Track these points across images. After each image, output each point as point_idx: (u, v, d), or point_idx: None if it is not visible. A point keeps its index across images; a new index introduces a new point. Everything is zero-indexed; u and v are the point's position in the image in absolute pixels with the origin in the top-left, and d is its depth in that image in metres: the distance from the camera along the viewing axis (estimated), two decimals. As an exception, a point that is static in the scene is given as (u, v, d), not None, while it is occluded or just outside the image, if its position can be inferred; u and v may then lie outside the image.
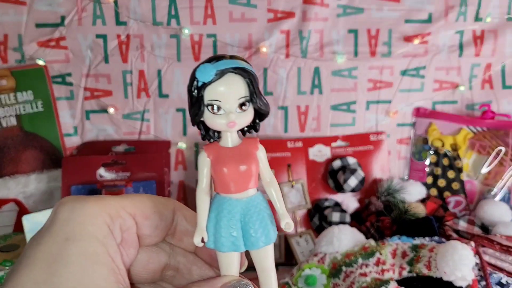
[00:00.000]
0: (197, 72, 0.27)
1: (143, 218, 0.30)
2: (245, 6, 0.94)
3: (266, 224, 0.29)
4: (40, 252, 0.25)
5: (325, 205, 0.94)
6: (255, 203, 0.29)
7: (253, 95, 0.28)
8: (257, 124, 0.30)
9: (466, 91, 1.00)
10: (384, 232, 0.85)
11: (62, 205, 0.27)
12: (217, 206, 0.29)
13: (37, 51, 0.93)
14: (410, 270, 0.68)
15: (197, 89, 0.28)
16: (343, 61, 0.97)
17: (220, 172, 0.29)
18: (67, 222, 0.26)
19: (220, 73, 0.27)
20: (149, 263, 0.31)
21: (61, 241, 0.26)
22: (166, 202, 0.31)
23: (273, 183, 0.30)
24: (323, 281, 0.70)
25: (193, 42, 0.95)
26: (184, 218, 0.31)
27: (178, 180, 0.97)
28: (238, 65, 0.28)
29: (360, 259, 0.70)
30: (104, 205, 0.28)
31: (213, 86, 0.28)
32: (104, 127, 0.97)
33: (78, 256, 0.25)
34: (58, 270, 0.25)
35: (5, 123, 0.93)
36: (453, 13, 0.97)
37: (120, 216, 0.28)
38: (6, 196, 0.92)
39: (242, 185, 0.29)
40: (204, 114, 0.28)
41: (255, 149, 0.29)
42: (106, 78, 0.95)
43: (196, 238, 0.29)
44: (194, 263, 0.32)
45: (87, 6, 0.92)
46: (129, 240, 0.29)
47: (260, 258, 0.30)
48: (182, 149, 0.98)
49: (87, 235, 0.26)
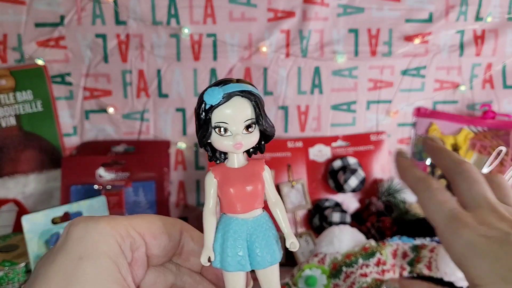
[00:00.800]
0: (205, 95, 0.28)
1: (152, 238, 0.30)
2: (245, 6, 0.94)
3: (271, 244, 0.30)
4: (53, 271, 0.26)
5: (325, 205, 0.93)
6: (261, 223, 0.30)
7: (259, 118, 0.29)
8: (263, 145, 0.31)
9: (466, 91, 1.00)
10: (384, 232, 0.85)
11: (75, 225, 0.28)
12: (223, 226, 0.29)
13: (36, 50, 0.92)
14: (411, 270, 0.68)
15: (204, 111, 0.29)
16: (344, 61, 0.97)
17: (226, 193, 0.29)
18: (81, 241, 0.27)
19: (228, 96, 0.28)
20: (156, 283, 0.32)
21: (75, 259, 0.26)
22: (174, 223, 0.32)
23: (278, 203, 0.31)
24: (324, 281, 0.70)
25: (193, 42, 0.94)
26: (191, 239, 0.32)
27: (178, 180, 0.97)
28: (244, 89, 0.29)
29: (360, 259, 0.70)
30: (115, 224, 0.28)
31: (220, 109, 0.28)
32: (104, 127, 0.97)
33: (92, 274, 0.26)
34: (74, 287, 0.25)
35: (4, 123, 0.92)
36: (454, 13, 0.96)
37: (131, 236, 0.29)
38: (5, 196, 0.92)
39: (248, 206, 0.30)
40: (211, 136, 0.29)
41: (261, 170, 0.30)
42: (106, 78, 0.95)
43: (203, 258, 0.29)
44: (200, 283, 0.33)
45: (87, 6, 0.92)
46: (139, 260, 0.30)
47: (266, 278, 0.31)
48: (182, 149, 0.98)
49: (101, 254, 0.27)
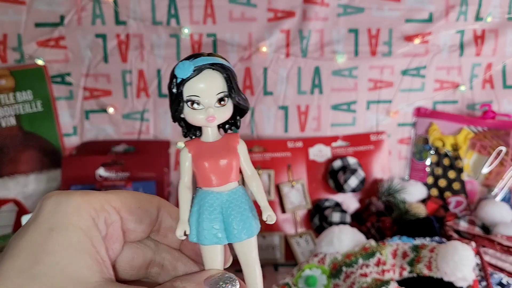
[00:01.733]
0: (176, 69, 0.29)
1: (128, 213, 0.30)
2: (245, 6, 0.94)
3: (247, 217, 0.29)
4: (25, 242, 0.26)
5: (325, 205, 0.93)
6: (237, 196, 0.30)
7: (231, 90, 0.29)
8: (238, 120, 0.31)
9: (466, 91, 1.00)
10: (384, 232, 0.85)
11: (48, 199, 0.28)
12: (199, 200, 0.29)
13: (36, 50, 0.92)
14: (411, 270, 0.68)
15: (176, 85, 0.29)
16: (344, 61, 0.97)
17: (201, 166, 0.29)
18: (52, 214, 0.27)
19: (198, 69, 0.28)
20: (134, 259, 0.32)
21: (45, 231, 0.26)
22: (150, 199, 0.32)
23: (254, 177, 0.31)
24: (324, 281, 0.70)
25: (193, 42, 0.94)
26: (169, 215, 0.32)
27: (178, 180, 0.97)
28: (216, 61, 0.29)
29: (360, 259, 0.70)
30: (89, 198, 0.28)
31: (191, 82, 0.28)
32: (104, 127, 0.97)
33: (62, 246, 0.26)
34: (42, 259, 0.25)
35: (4, 123, 0.92)
36: (454, 13, 0.96)
37: (105, 209, 0.29)
38: (5, 196, 0.92)
39: (223, 179, 0.29)
40: (184, 110, 0.29)
41: (235, 143, 0.30)
42: (106, 78, 0.95)
43: (178, 231, 0.29)
44: (179, 260, 0.32)
45: (87, 6, 0.92)
46: (114, 235, 0.30)
47: (243, 252, 0.30)
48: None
49: (71, 226, 0.27)
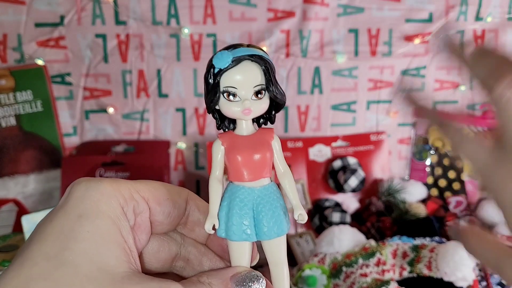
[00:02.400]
0: (214, 59, 0.28)
1: (156, 204, 0.30)
2: (245, 6, 0.94)
3: (279, 215, 0.29)
4: (53, 228, 0.25)
5: (325, 205, 0.93)
6: (269, 193, 0.29)
7: (269, 83, 0.28)
8: (273, 115, 0.30)
9: (466, 91, 1.00)
10: (384, 232, 0.85)
11: (77, 184, 0.27)
12: (230, 194, 0.29)
13: (36, 50, 0.92)
14: (411, 270, 0.68)
15: (213, 75, 0.28)
16: (344, 61, 0.97)
17: (234, 160, 0.28)
18: (82, 200, 0.27)
19: (237, 60, 0.27)
20: (159, 251, 0.31)
21: (74, 218, 0.26)
22: (179, 191, 0.31)
23: (287, 174, 0.30)
24: (324, 281, 0.70)
25: (193, 42, 0.94)
26: (196, 208, 0.31)
27: (178, 180, 0.97)
28: (255, 53, 0.28)
29: (360, 259, 0.70)
30: (118, 186, 0.28)
31: (229, 73, 0.28)
32: (104, 127, 0.97)
33: (90, 233, 0.25)
34: (69, 245, 0.25)
35: (4, 123, 0.92)
36: (454, 13, 0.96)
37: (134, 199, 0.28)
38: (5, 196, 0.92)
39: (256, 174, 0.29)
40: (219, 101, 0.28)
41: (270, 138, 0.29)
42: (106, 78, 0.95)
43: (207, 225, 0.28)
44: (205, 255, 0.32)
45: (87, 6, 0.91)
46: (142, 225, 0.29)
47: (272, 250, 0.29)
48: (182, 149, 0.98)
49: (101, 213, 0.26)
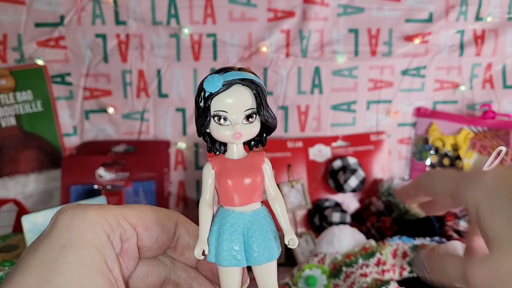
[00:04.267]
0: (205, 83, 0.27)
1: (144, 229, 0.29)
2: (245, 6, 0.94)
3: (269, 240, 0.28)
4: (36, 259, 0.25)
5: (325, 205, 0.93)
6: (259, 217, 0.29)
7: (260, 107, 0.28)
8: (264, 138, 0.30)
9: (466, 91, 1.00)
10: (384, 232, 0.85)
11: (62, 213, 0.27)
12: (220, 218, 0.28)
13: (36, 50, 0.92)
14: (411, 270, 0.68)
15: (204, 99, 0.27)
16: (344, 61, 0.97)
17: (224, 184, 0.28)
18: (66, 230, 0.26)
19: (228, 84, 0.27)
20: (148, 276, 0.31)
21: (58, 248, 0.25)
22: (169, 214, 0.30)
23: (278, 198, 0.30)
24: (324, 281, 0.70)
25: (193, 42, 0.94)
26: (186, 232, 0.31)
27: (178, 180, 0.97)
28: (246, 77, 0.27)
29: (360, 259, 0.70)
30: (104, 213, 0.27)
31: (220, 97, 0.27)
32: (104, 127, 0.97)
33: (73, 264, 0.25)
34: (52, 278, 0.24)
35: (4, 123, 0.92)
36: (454, 13, 0.96)
37: (121, 225, 0.28)
38: (5, 196, 0.92)
39: (247, 198, 0.28)
40: (210, 125, 0.28)
41: (261, 162, 0.29)
42: (106, 78, 0.95)
43: (197, 250, 0.28)
44: (195, 279, 0.31)
45: (87, 6, 0.91)
46: (129, 251, 0.28)
47: (262, 275, 0.29)
48: (182, 149, 0.98)
49: (85, 243, 0.26)
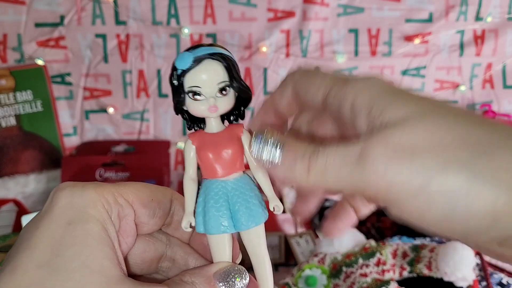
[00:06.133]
0: (176, 61, 0.28)
1: (141, 206, 0.29)
2: (245, 6, 0.94)
3: (253, 204, 0.29)
4: (41, 235, 0.25)
5: (325, 205, 0.93)
6: (242, 184, 0.29)
7: (232, 80, 0.29)
8: (242, 111, 0.31)
9: (466, 91, 1.00)
10: (384, 232, 0.85)
11: (61, 191, 0.27)
12: (204, 189, 0.29)
13: (36, 50, 0.92)
14: (411, 270, 0.68)
15: (177, 77, 0.28)
16: (344, 61, 0.97)
17: (205, 157, 0.29)
18: (68, 207, 0.26)
19: (198, 60, 0.28)
20: (145, 252, 0.31)
21: (63, 225, 0.25)
22: (164, 191, 0.31)
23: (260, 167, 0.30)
24: (324, 281, 0.70)
25: (193, 42, 0.94)
26: (181, 208, 0.31)
27: (178, 180, 0.97)
28: (215, 51, 0.28)
29: (360, 259, 0.70)
30: (102, 191, 0.28)
31: (192, 73, 0.28)
32: (104, 127, 0.97)
33: (81, 237, 0.25)
34: (61, 251, 0.24)
35: (4, 123, 0.92)
36: (454, 13, 0.96)
37: (118, 203, 0.28)
38: (5, 196, 0.92)
39: (228, 169, 0.29)
40: (186, 102, 0.29)
41: (239, 133, 0.30)
42: (106, 78, 0.95)
43: (184, 223, 0.29)
44: (190, 254, 0.32)
45: (87, 6, 0.91)
46: (127, 228, 0.29)
47: (251, 242, 0.30)
48: (182, 149, 0.98)
49: (90, 218, 0.26)
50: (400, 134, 0.23)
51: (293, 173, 0.26)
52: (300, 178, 0.25)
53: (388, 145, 0.23)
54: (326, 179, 0.25)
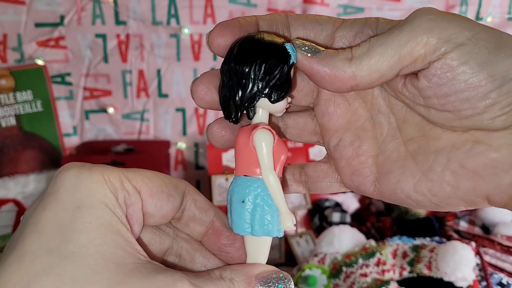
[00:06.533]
0: (291, 50, 0.26)
1: (149, 196, 0.28)
2: (245, 6, 0.94)
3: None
4: (48, 219, 0.24)
5: (325, 205, 0.93)
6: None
7: None
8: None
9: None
10: (384, 232, 0.85)
11: (67, 170, 0.26)
12: (259, 190, 0.27)
13: (36, 50, 0.92)
14: (411, 270, 0.68)
15: (288, 67, 0.27)
16: (343, 61, 0.97)
17: (279, 156, 0.28)
18: (76, 189, 0.25)
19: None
20: (150, 245, 0.30)
21: (71, 208, 0.24)
22: (177, 183, 0.29)
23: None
24: (324, 281, 0.70)
25: (193, 42, 0.94)
26: (194, 203, 0.29)
27: (178, 180, 0.97)
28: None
29: (360, 259, 0.70)
30: (109, 174, 0.26)
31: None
32: (104, 127, 0.97)
33: (92, 224, 0.24)
34: (72, 237, 0.23)
35: (4, 123, 0.92)
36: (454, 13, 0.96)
37: (125, 189, 0.26)
38: (5, 197, 0.92)
39: (279, 171, 0.28)
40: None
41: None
42: (106, 78, 0.95)
43: (288, 224, 0.27)
44: (198, 251, 0.31)
45: (87, 6, 0.91)
46: (134, 216, 0.27)
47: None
48: (182, 149, 0.98)
49: (98, 204, 0.25)
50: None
51: (335, 64, 0.25)
52: (342, 68, 0.25)
53: (433, 9, 0.25)
54: (370, 58, 0.25)
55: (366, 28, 0.27)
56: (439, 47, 0.24)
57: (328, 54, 0.26)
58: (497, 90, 0.23)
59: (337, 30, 0.28)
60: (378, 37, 0.25)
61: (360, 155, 0.29)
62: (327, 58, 0.26)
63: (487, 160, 0.25)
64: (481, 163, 0.25)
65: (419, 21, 0.24)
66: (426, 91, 0.25)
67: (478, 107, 0.24)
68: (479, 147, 0.25)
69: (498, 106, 0.24)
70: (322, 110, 0.30)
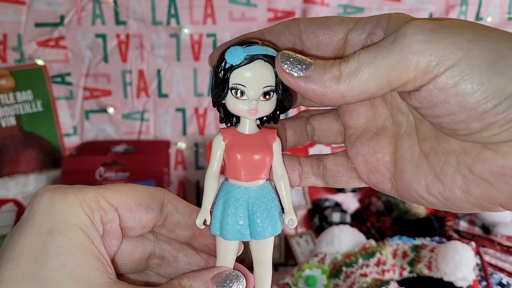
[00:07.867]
0: (227, 54, 0.27)
1: (126, 211, 0.29)
2: (245, 6, 0.94)
3: (273, 215, 0.29)
4: (24, 246, 0.25)
5: (325, 205, 0.93)
6: (264, 193, 0.29)
7: (279, 86, 0.28)
8: (277, 115, 0.30)
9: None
10: (384, 232, 0.85)
11: (41, 196, 0.27)
12: (225, 193, 0.29)
13: (36, 50, 0.92)
14: (411, 270, 0.68)
15: (223, 70, 0.27)
16: (343, 61, 0.97)
17: (233, 158, 0.28)
18: (49, 214, 0.26)
19: (250, 58, 0.27)
20: (133, 252, 0.31)
21: (45, 233, 0.25)
22: (154, 193, 0.30)
23: (284, 177, 0.30)
24: (324, 281, 0.70)
25: (193, 42, 0.94)
26: (175, 210, 0.30)
27: (178, 180, 0.97)
28: (269, 53, 0.27)
29: (360, 259, 0.70)
30: (83, 196, 0.27)
31: (240, 70, 0.27)
32: (104, 127, 0.97)
33: (65, 248, 0.25)
34: (46, 262, 0.24)
35: (4, 123, 0.92)
36: (454, 13, 0.96)
37: (101, 207, 0.27)
38: (5, 197, 0.92)
39: (253, 175, 0.28)
40: (226, 97, 0.28)
41: (272, 140, 0.29)
42: (106, 78, 0.95)
43: (198, 220, 0.28)
44: (180, 250, 0.32)
45: (87, 6, 0.91)
46: (112, 232, 0.28)
47: (259, 250, 0.29)
48: (182, 149, 0.98)
49: (71, 226, 0.26)
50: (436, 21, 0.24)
51: (323, 83, 0.25)
52: (330, 88, 0.25)
53: (425, 24, 0.24)
54: (359, 78, 0.24)
55: (378, 28, 0.27)
56: (429, 71, 0.23)
57: (316, 71, 0.25)
58: (492, 111, 0.22)
59: (350, 33, 0.27)
60: (367, 53, 0.24)
61: (377, 152, 0.29)
62: (314, 76, 0.25)
63: (495, 168, 0.24)
64: (489, 170, 0.24)
65: (410, 41, 0.23)
66: (420, 110, 0.25)
67: (474, 127, 0.23)
68: (487, 153, 0.24)
69: (495, 125, 0.23)
70: (344, 107, 0.30)
